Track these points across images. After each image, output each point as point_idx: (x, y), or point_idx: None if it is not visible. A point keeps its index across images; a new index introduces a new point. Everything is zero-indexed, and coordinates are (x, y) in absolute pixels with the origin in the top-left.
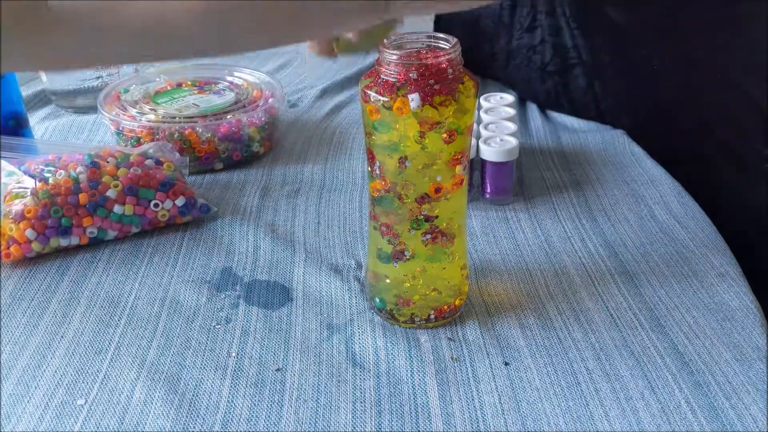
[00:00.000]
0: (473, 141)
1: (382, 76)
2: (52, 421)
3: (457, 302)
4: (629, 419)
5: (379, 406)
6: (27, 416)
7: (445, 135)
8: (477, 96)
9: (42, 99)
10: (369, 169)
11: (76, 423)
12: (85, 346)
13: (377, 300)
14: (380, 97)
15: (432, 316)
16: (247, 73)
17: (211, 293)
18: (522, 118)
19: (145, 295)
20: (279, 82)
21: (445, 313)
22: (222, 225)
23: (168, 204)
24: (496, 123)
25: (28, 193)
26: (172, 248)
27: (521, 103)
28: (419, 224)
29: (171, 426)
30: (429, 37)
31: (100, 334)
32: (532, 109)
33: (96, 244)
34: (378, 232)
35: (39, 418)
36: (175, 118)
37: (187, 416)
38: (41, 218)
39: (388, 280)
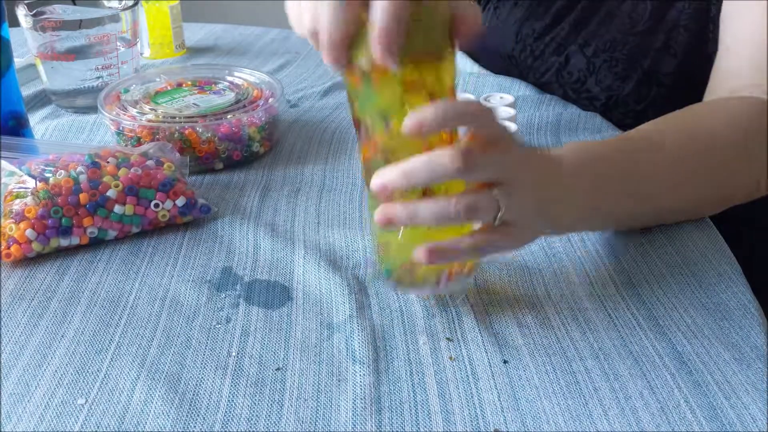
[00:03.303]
0: None
1: None
2: (52, 420)
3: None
4: (628, 418)
5: (379, 404)
6: (27, 416)
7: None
8: (455, 53)
9: (42, 99)
10: (357, 136)
11: (77, 423)
12: (85, 345)
13: (386, 268)
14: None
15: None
16: (247, 73)
17: (212, 293)
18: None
19: (145, 295)
20: (279, 82)
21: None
22: (222, 225)
23: (168, 204)
24: None
25: (29, 193)
26: (172, 248)
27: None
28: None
29: (171, 425)
30: None
31: (101, 334)
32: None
33: (96, 244)
34: (375, 201)
35: (39, 417)
36: (175, 118)
37: (187, 416)
38: (41, 218)
39: (394, 246)
